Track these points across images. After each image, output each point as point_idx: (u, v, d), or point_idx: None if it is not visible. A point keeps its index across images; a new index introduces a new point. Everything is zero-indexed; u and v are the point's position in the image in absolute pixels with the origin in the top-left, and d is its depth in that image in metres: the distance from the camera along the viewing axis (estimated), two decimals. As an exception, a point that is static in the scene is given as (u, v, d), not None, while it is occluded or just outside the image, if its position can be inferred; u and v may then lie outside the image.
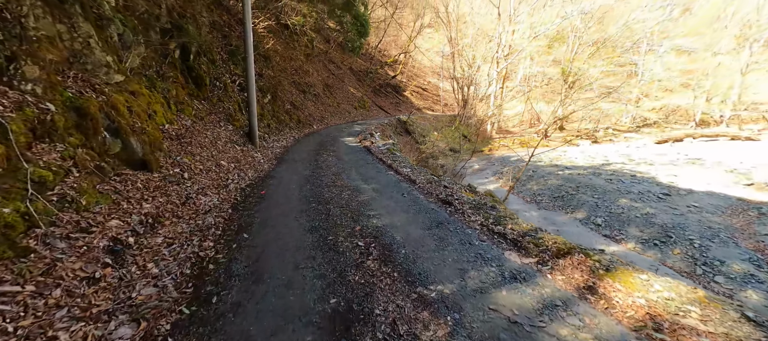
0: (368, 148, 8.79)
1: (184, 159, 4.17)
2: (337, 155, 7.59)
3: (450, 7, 23.39)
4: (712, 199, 8.57)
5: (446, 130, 23.38)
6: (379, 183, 4.81)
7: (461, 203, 3.76)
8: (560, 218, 8.71)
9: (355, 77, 26.22)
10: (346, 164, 6.52)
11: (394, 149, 8.33)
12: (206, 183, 3.86)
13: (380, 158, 6.98)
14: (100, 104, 3.02)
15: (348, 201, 4.02)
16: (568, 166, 12.88)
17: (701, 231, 6.71)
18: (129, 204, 2.55)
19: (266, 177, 5.09)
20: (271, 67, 11.30)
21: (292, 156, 7.35)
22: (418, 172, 5.54)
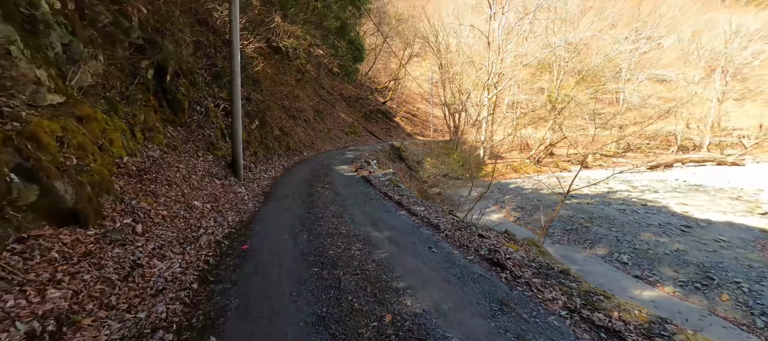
0: (367, 178, 7.92)
1: (141, 203, 3.18)
2: (333, 188, 6.67)
3: (440, 36, 23.74)
4: (735, 232, 8.04)
5: (443, 158, 22.91)
6: (393, 229, 3.88)
7: (517, 265, 2.82)
8: (579, 255, 7.93)
9: (346, 103, 25.79)
10: (346, 200, 5.60)
11: (396, 180, 7.49)
12: (168, 238, 2.85)
13: (384, 192, 6.10)
14: (7, 135, 2.07)
15: (361, 261, 3.02)
16: (573, 194, 12.34)
17: (743, 271, 6.03)
18: (21, 295, 1.54)
19: (251, 222, 4.09)
20: (260, 91, 10.51)
21: (281, 189, 6.37)
22: (435, 211, 4.69)
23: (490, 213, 12.13)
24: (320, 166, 9.93)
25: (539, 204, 11.79)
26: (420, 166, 19.82)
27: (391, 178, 7.71)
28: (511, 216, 11.46)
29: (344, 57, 11.61)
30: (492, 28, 21.63)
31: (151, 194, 3.48)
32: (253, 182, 6.65)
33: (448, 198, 14.13)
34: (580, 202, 10.94)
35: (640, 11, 29.10)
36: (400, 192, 6.09)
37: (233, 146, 6.53)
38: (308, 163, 10.60)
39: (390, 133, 29.08)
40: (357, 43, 12.21)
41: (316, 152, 13.86)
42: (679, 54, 32.88)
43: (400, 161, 19.06)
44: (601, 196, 11.86)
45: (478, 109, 25.73)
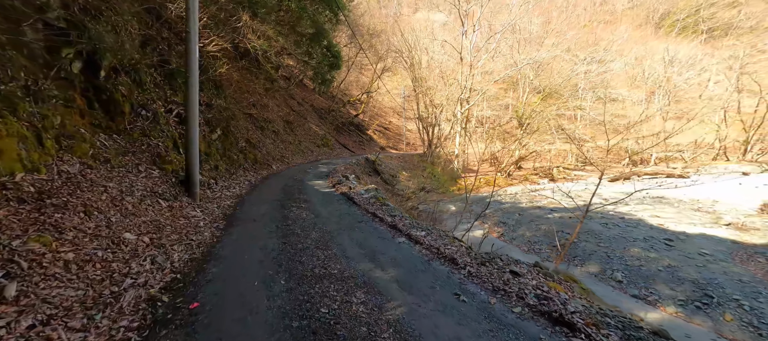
0: (347, 195, 7.05)
1: (30, 243, 2.10)
2: (311, 207, 5.71)
3: (413, 50, 23.79)
4: (712, 244, 8.21)
5: (418, 171, 22.52)
6: (399, 266, 3.03)
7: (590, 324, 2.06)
8: (572, 273, 7.60)
9: (318, 115, 24.75)
10: (329, 223, 4.69)
11: (381, 197, 6.70)
12: (67, 300, 1.79)
13: (372, 212, 5.28)
14: None
15: (371, 325, 2.13)
16: (552, 208, 12.33)
17: (737, 287, 5.95)
18: None
19: (206, 260, 3.02)
20: (223, 97, 9.30)
21: (248, 211, 5.29)
22: (438, 236, 3.97)
23: (473, 229, 11.69)
24: (293, 181, 8.87)
25: (521, 218, 11.59)
26: (396, 180, 19.23)
27: (376, 195, 6.91)
28: (495, 231, 11.09)
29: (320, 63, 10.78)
30: (464, 45, 22.08)
31: (52, 228, 2.37)
32: (212, 202, 5.49)
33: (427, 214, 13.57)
34: (562, 216, 10.86)
35: (595, 37, 31.58)
36: (391, 212, 5.31)
37: (188, 159, 5.37)
38: (279, 178, 9.48)
39: (363, 145, 28.36)
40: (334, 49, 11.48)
41: (287, 166, 12.69)
42: (626, 78, 36.14)
43: (375, 175, 18.31)
44: (577, 209, 11.93)
45: (451, 123, 25.97)
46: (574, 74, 28.56)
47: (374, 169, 18.69)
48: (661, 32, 45.84)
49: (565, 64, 29.39)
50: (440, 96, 24.87)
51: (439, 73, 25.41)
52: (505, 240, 10.33)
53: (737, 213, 11.34)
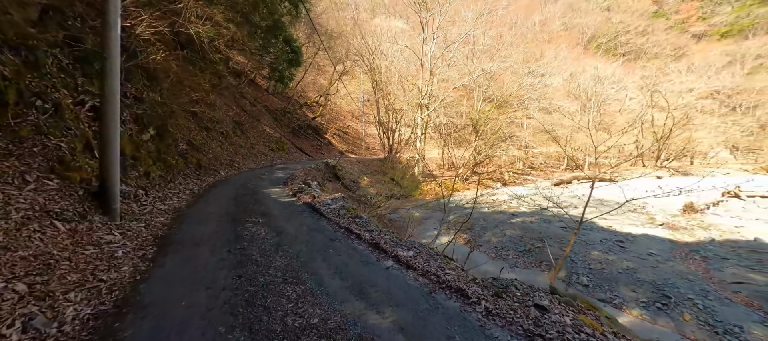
0: (312, 205, 6.22)
1: None
2: (271, 223, 4.80)
3: (375, 54, 23.44)
4: (654, 243, 8.93)
5: (380, 176, 22.06)
6: (396, 303, 2.35)
7: None
8: (540, 278, 7.64)
9: (272, 116, 23.04)
10: (297, 243, 3.89)
11: (352, 208, 6.00)
12: None
13: (345, 226, 4.58)
14: None
15: None
16: (513, 212, 12.69)
17: (687, 285, 6.37)
18: None
19: (121, 314, 2.06)
20: (158, 91, 7.81)
21: (189, 231, 4.23)
22: (427, 255, 3.43)
23: (439, 236, 11.49)
24: (246, 190, 7.73)
25: (486, 223, 11.67)
26: (357, 186, 18.55)
27: (345, 205, 6.19)
28: (461, 238, 10.98)
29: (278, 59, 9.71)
30: (424, 51, 22.32)
31: None
32: (139, 219, 4.30)
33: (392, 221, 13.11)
34: (523, 221, 11.14)
35: (540, 52, 34.34)
36: (366, 226, 4.66)
37: (103, 164, 4.14)
38: (228, 186, 8.24)
39: (321, 150, 27.17)
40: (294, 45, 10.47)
41: (237, 171, 11.30)
42: (563, 91, 40.02)
43: (336, 180, 17.44)
44: (537, 213, 12.42)
45: (411, 128, 26.08)
46: (520, 86, 30.69)
47: (335, 175, 17.81)
48: (589, 52, 51.76)
49: (514, 77, 31.46)
50: (401, 101, 24.84)
51: (400, 78, 25.41)
52: (471, 246, 10.23)
53: (665, 213, 12.73)
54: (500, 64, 27.25)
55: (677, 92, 37.57)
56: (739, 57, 45.07)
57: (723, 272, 6.94)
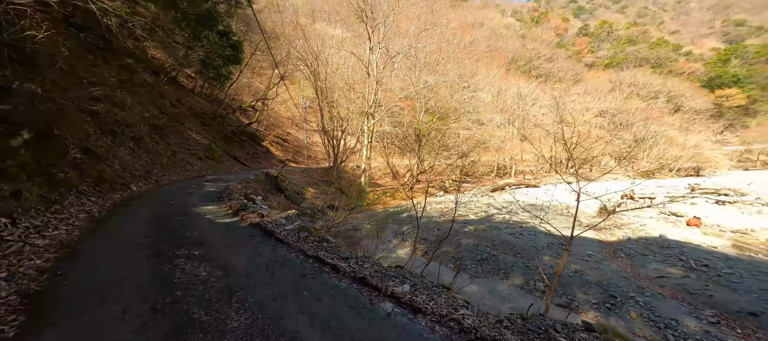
0: (262, 227, 5.20)
1: None
2: (211, 255, 3.72)
3: (319, 59, 22.45)
4: (589, 245, 9.90)
5: (325, 187, 20.93)
6: None
7: None
8: (500, 287, 7.73)
9: (199, 120, 20.23)
10: (254, 285, 2.97)
11: (315, 230, 5.16)
12: None
13: (314, 255, 3.77)
14: None
15: None
16: (464, 220, 13.00)
17: (626, 284, 7.03)
18: None
19: None
20: (38, 80, 5.83)
21: (84, 278, 2.95)
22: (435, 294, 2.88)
23: (395, 249, 11.11)
24: (169, 210, 6.22)
25: (440, 233, 11.66)
26: (302, 197, 17.26)
27: (304, 225, 5.30)
28: (418, 250, 10.76)
29: (212, 54, 8.23)
30: (370, 60, 22.19)
31: None
32: (-2, 265, 2.85)
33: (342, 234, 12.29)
34: (476, 229, 11.43)
35: (473, 70, 37.26)
36: (339, 253, 3.92)
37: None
38: (145, 204, 6.57)
39: (259, 158, 24.84)
40: (233, 39, 9.05)
41: (156, 185, 9.32)
42: (492, 106, 44.22)
43: (278, 193, 15.95)
44: (486, 220, 12.93)
45: (357, 137, 25.57)
46: (457, 101, 32.85)
47: (277, 186, 16.28)
48: (511, 73, 58.31)
49: (451, 91, 33.51)
50: (347, 109, 24.21)
51: (345, 86, 24.80)
52: (429, 258, 10.05)
53: (585, 216, 14.44)
54: (440, 78, 28.67)
55: (579, 110, 44.51)
56: (617, 84, 55.74)
57: (647, 268, 7.90)
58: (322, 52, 22.19)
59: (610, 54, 76.17)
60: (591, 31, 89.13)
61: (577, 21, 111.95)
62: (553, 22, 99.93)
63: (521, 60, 67.81)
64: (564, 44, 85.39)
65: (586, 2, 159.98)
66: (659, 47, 71.80)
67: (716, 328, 5.41)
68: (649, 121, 42.59)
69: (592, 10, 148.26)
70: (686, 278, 7.06)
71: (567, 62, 70.08)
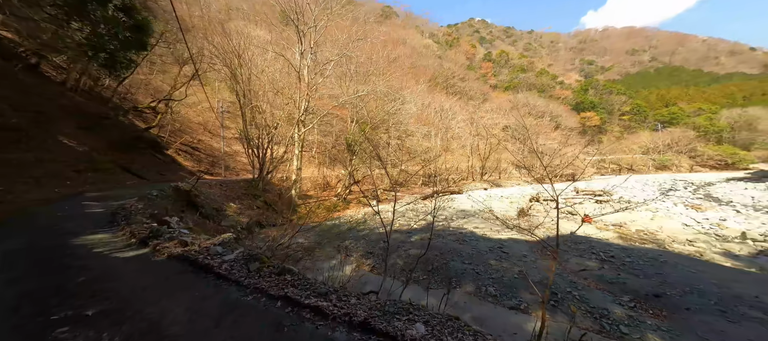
0: (190, 259, 3.96)
1: None
2: (126, 314, 2.52)
3: (242, 59, 20.11)
4: (520, 246, 10.84)
5: (250, 201, 18.63)
6: None
7: None
8: (455, 296, 7.73)
9: (75, 122, 15.84)
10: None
11: (266, 257, 4.15)
12: None
13: (283, 296, 2.89)
14: None
15: None
16: (408, 230, 12.94)
17: (559, 280, 7.77)
18: None
19: None
20: None
21: None
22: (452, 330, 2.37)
23: (343, 265, 10.29)
24: (33, 247, 4.33)
25: (385, 245, 11.30)
26: (223, 214, 15.03)
27: (249, 252, 4.24)
28: (365, 264, 10.18)
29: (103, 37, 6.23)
30: (302, 64, 20.96)
31: None
32: None
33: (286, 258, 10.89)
34: (422, 238, 11.44)
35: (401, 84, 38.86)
36: (313, 287, 3.11)
37: None
38: None
39: (162, 170, 20.80)
40: (137, 17, 7.07)
41: (13, 206, 6.65)
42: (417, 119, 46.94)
43: (193, 210, 13.57)
44: (426, 229, 13.11)
45: (286, 145, 23.67)
46: (386, 112, 33.79)
47: (190, 202, 13.79)
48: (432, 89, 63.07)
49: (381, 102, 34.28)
50: (274, 115, 22.26)
51: (272, 90, 22.83)
52: (378, 272, 9.60)
53: (507, 218, 16.03)
54: (371, 89, 28.98)
55: (488, 125, 50.52)
56: (516, 104, 65.66)
57: (569, 263, 8.97)
58: (245, 50, 19.97)
59: (508, 78, 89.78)
60: (493, 58, 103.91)
61: (482, 48, 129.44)
62: (464, 46, 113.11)
63: (440, 77, 74.26)
64: (473, 67, 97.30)
65: (486, 33, 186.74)
66: (542, 76, 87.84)
67: (635, 312, 6.32)
68: (540, 136, 50.92)
69: (491, 40, 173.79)
70: (602, 269, 8.25)
71: (476, 83, 79.74)
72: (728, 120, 70.92)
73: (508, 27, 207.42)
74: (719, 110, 75.29)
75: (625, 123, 78.74)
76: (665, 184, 40.29)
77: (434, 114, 46.11)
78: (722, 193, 33.40)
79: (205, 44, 21.67)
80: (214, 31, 21.06)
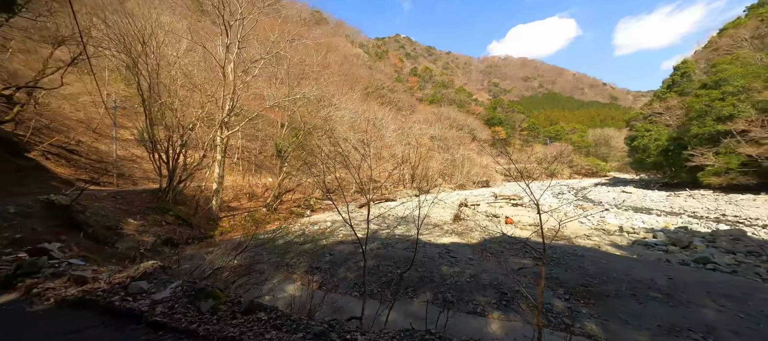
0: (100, 303, 2.79)
1: None
2: None
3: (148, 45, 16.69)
4: (463, 249, 11.35)
5: (156, 216, 15.54)
6: None
7: None
8: (413, 307, 7.54)
9: None
10: None
11: (220, 292, 3.21)
12: None
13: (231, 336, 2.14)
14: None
15: None
16: (354, 241, 12.32)
17: (505, 279, 8.30)
18: None
19: None
20: None
21: None
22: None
23: (284, 284, 9.16)
24: None
25: (333, 258, 10.53)
26: (119, 234, 12.34)
27: (195, 285, 3.23)
28: (312, 283, 9.25)
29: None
30: (227, 58, 18.58)
31: None
32: None
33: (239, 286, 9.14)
34: (371, 248, 11.00)
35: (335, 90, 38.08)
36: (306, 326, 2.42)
37: None
38: None
39: (23, 181, 15.85)
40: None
41: None
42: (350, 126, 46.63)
43: (75, 231, 10.80)
44: (372, 238, 12.75)
45: (204, 149, 20.51)
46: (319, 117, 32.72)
47: (71, 221, 10.92)
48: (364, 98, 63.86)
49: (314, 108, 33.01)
50: (191, 114, 19.21)
51: (188, 84, 19.66)
52: (328, 289, 8.83)
53: (444, 223, 16.83)
54: (308, 92, 27.64)
55: (417, 135, 53.28)
56: (439, 117, 71.13)
57: (509, 262, 9.71)
58: (153, 36, 16.71)
59: (432, 93, 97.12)
60: (419, 73, 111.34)
61: (409, 62, 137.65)
62: (393, 59, 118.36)
63: (371, 87, 75.82)
64: (401, 79, 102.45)
65: (410, 50, 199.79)
66: (461, 93, 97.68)
67: (571, 303, 7.09)
68: (461, 146, 56.02)
69: (415, 56, 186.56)
70: (536, 266, 9.14)
71: (405, 95, 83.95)
72: (593, 137, 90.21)
73: (430, 46, 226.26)
74: (586, 129, 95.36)
75: (524, 137, 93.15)
76: (556, 189, 48.44)
77: (367, 123, 46.58)
78: (594, 196, 41.91)
79: (95, 22, 17.48)
80: (110, 7, 17.15)
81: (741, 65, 37.25)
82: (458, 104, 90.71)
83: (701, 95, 38.16)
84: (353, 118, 44.63)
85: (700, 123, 37.54)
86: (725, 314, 6.34)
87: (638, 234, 14.91)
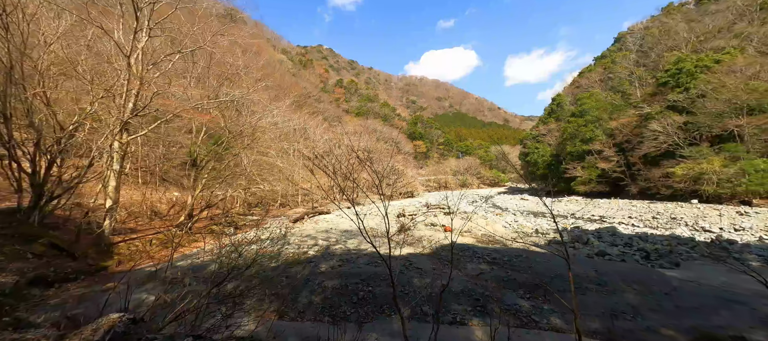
0: None
1: None
2: None
3: (12, 15, 12.29)
4: (422, 260, 11.52)
5: (12, 245, 11.55)
6: None
7: None
8: (395, 326, 7.20)
9: None
10: None
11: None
12: None
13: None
14: None
15: None
16: (310, 259, 11.22)
17: (476, 287, 8.70)
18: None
19: None
20: None
21: None
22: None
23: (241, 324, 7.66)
24: None
25: (292, 282, 9.35)
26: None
27: None
28: (270, 312, 8.00)
29: None
30: (134, 48, 15.15)
31: None
32: None
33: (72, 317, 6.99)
34: (332, 266, 10.19)
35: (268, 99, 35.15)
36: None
37: None
38: None
39: None
40: None
41: None
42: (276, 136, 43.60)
43: None
44: (327, 255, 11.93)
45: (92, 157, 16.04)
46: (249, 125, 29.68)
47: None
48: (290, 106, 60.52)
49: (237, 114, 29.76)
50: (72, 111, 15.03)
51: (72, 73, 15.28)
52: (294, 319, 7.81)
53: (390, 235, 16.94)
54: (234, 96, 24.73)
55: (346, 146, 52.58)
56: (366, 129, 72.50)
57: (467, 268, 10.26)
58: (19, 7, 12.46)
59: (358, 105, 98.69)
60: (345, 85, 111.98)
61: (334, 73, 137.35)
62: (318, 69, 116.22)
63: (301, 96, 72.60)
64: (327, 90, 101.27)
65: (333, 62, 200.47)
66: (385, 107, 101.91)
67: (532, 301, 7.84)
68: (392, 158, 57.97)
69: (338, 68, 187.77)
70: (492, 270, 9.89)
71: (331, 105, 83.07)
72: (495, 152, 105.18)
73: (353, 60, 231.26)
74: (489, 146, 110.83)
75: (441, 151, 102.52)
76: (470, 197, 54.14)
77: (293, 133, 44.22)
78: (501, 203, 48.42)
79: None
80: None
81: (595, 101, 49.03)
82: (383, 118, 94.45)
83: (572, 121, 48.58)
84: (281, 127, 41.80)
85: (572, 143, 47.63)
86: (639, 297, 7.94)
87: (549, 235, 17.75)
